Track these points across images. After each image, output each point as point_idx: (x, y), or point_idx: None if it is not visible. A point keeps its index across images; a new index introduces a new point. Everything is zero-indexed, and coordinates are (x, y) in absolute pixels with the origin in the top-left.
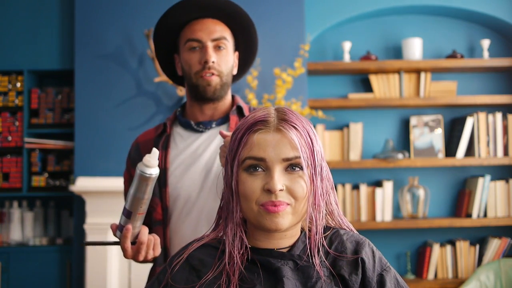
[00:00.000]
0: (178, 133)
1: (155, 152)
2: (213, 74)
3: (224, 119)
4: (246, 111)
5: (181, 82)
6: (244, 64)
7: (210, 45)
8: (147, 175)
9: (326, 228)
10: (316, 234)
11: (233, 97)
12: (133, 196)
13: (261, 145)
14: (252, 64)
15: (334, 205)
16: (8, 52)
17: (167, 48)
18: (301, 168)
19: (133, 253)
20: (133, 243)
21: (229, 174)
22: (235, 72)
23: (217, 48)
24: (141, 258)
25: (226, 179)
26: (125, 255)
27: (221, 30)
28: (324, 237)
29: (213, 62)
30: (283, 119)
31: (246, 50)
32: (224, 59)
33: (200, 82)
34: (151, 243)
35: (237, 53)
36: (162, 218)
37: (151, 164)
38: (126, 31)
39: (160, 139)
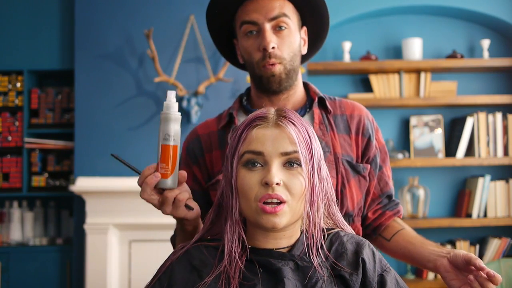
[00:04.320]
0: None
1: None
2: (274, 64)
3: (302, 111)
4: (329, 104)
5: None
6: (316, 39)
7: (267, 27)
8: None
9: (327, 230)
10: (314, 230)
11: (306, 85)
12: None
13: (260, 140)
14: (325, 38)
15: (334, 207)
16: (8, 52)
17: (224, 33)
18: (300, 165)
19: (159, 203)
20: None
21: (229, 171)
22: (304, 51)
23: (277, 28)
24: (165, 211)
25: (226, 175)
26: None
27: (280, 6)
28: (324, 238)
29: (273, 48)
30: (282, 115)
31: (315, 23)
32: (286, 41)
33: (264, 73)
34: (172, 200)
35: (304, 28)
36: None
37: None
38: (126, 31)
39: (226, 131)
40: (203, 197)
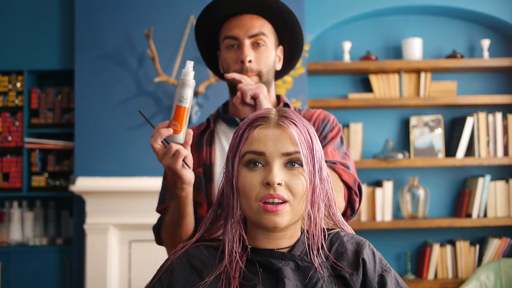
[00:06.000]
0: (222, 130)
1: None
2: (250, 76)
3: None
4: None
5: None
6: (290, 58)
7: (247, 42)
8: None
9: (327, 230)
10: (315, 230)
11: (278, 97)
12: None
13: (261, 140)
14: (299, 58)
15: (334, 207)
16: (8, 52)
17: (210, 46)
18: (301, 165)
19: (162, 153)
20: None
21: (230, 170)
22: (279, 67)
23: (255, 45)
24: (165, 161)
25: (227, 175)
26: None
27: (260, 26)
28: (325, 238)
29: (250, 61)
30: (284, 116)
31: (291, 44)
32: (263, 56)
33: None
34: (176, 151)
35: (281, 47)
36: None
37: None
38: (126, 31)
39: (204, 135)
40: None
